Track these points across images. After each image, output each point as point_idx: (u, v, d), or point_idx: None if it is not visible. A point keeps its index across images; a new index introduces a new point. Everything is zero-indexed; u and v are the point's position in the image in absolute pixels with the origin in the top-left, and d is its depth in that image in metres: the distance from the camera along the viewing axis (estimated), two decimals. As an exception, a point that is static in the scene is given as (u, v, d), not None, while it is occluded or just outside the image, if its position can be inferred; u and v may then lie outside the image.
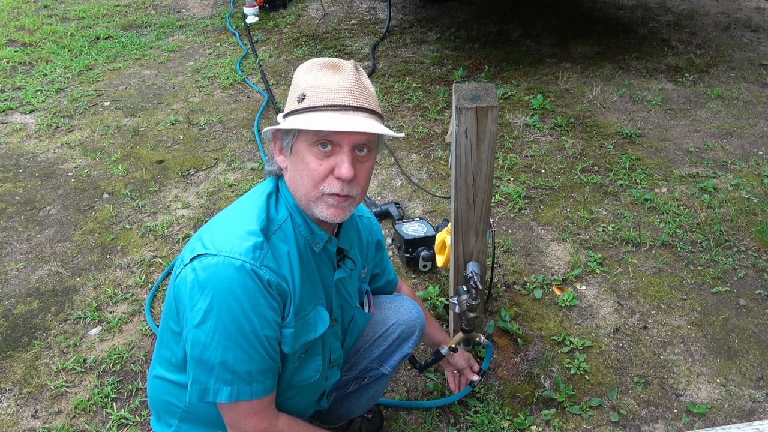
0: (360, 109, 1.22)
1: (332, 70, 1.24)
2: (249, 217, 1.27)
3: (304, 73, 1.27)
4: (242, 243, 1.21)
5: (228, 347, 1.21)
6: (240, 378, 1.23)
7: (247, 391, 1.24)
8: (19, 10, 6.34)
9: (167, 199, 3.19)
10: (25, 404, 2.08)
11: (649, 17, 5.59)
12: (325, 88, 1.22)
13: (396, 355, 1.69)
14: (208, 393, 1.24)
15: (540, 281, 2.55)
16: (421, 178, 3.32)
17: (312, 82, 1.23)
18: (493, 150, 1.71)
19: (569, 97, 4.15)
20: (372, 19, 5.80)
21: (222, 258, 1.19)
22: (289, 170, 1.29)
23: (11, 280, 2.66)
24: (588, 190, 3.16)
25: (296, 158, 1.25)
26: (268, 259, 1.23)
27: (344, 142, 1.21)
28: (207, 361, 1.22)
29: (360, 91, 1.23)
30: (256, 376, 1.25)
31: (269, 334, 1.24)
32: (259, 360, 1.24)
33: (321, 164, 1.22)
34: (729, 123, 3.80)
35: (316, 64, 1.27)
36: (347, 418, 1.82)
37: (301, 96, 1.23)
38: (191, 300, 1.21)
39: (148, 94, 4.42)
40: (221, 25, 5.79)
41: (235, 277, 1.18)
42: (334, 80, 1.22)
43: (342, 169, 1.21)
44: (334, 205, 1.26)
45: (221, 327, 1.19)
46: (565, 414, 2.00)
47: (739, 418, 1.99)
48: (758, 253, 2.69)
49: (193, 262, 1.22)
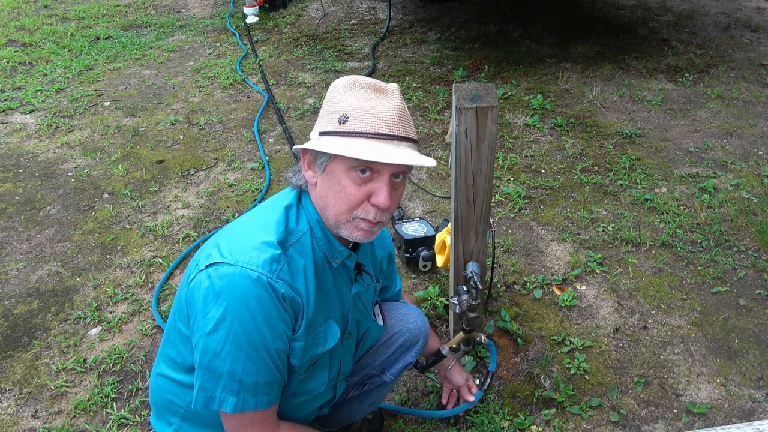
0: (404, 138, 1.20)
1: (376, 93, 1.21)
2: (267, 227, 1.25)
3: (344, 91, 1.22)
4: (260, 255, 1.20)
5: (237, 358, 1.20)
6: (246, 389, 1.23)
7: (252, 402, 1.24)
8: (19, 10, 6.34)
9: (167, 199, 3.19)
10: (25, 404, 2.08)
11: (649, 17, 5.59)
12: (371, 113, 1.18)
13: (399, 363, 1.69)
14: (213, 401, 1.23)
15: (540, 281, 2.55)
16: (421, 178, 3.32)
17: (355, 104, 1.19)
18: (493, 150, 1.71)
19: (569, 97, 4.15)
20: (372, 19, 5.80)
21: (239, 269, 1.18)
22: (320, 188, 1.26)
23: (11, 280, 2.66)
24: (588, 190, 3.16)
25: (330, 178, 1.22)
26: (284, 273, 1.22)
27: (385, 171, 1.19)
28: (215, 369, 1.21)
29: (405, 120, 1.21)
30: (262, 388, 1.24)
31: (279, 347, 1.24)
32: (266, 372, 1.24)
33: (359, 190, 1.20)
34: (729, 123, 3.80)
35: (358, 83, 1.22)
36: (347, 422, 1.82)
37: (342, 117, 1.18)
38: (205, 307, 1.20)
39: (148, 94, 4.42)
40: (221, 25, 5.79)
41: (250, 288, 1.17)
42: (380, 106, 1.19)
43: (381, 198, 1.20)
44: (364, 229, 1.25)
45: (232, 337, 1.19)
46: (565, 414, 2.00)
47: (739, 418, 1.99)
48: (758, 253, 2.69)
49: (209, 269, 1.21)
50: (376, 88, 1.21)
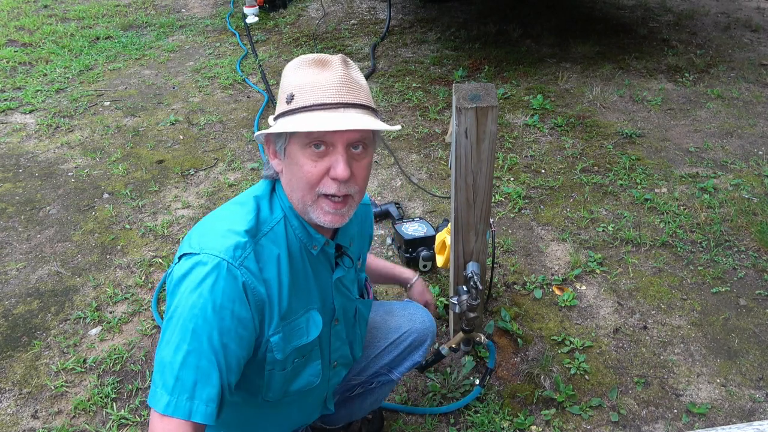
0: (351, 105, 1.17)
1: (319, 67, 1.19)
2: (236, 217, 1.23)
3: (292, 71, 1.22)
4: (224, 241, 1.18)
5: (179, 348, 1.12)
6: (183, 388, 1.11)
7: (186, 408, 1.11)
8: (19, 10, 6.34)
9: (167, 199, 3.19)
10: (25, 404, 2.08)
11: (649, 17, 5.59)
12: (313, 86, 1.17)
13: (406, 362, 1.68)
14: (151, 398, 1.14)
15: (540, 281, 2.55)
16: (421, 178, 3.32)
17: (299, 81, 1.19)
18: (493, 150, 1.71)
19: (569, 97, 4.15)
20: (372, 19, 5.80)
21: (201, 255, 1.16)
22: (285, 174, 1.25)
23: (11, 280, 2.66)
24: (588, 190, 3.16)
25: (290, 161, 1.21)
26: (249, 261, 1.19)
27: (338, 142, 1.17)
28: (160, 360, 1.14)
29: (349, 87, 1.18)
30: (200, 393, 1.12)
31: (229, 345, 1.15)
32: (208, 369, 1.13)
33: (315, 166, 1.18)
34: (729, 123, 3.80)
35: (303, 61, 1.22)
36: (348, 420, 1.82)
37: (289, 96, 1.19)
38: (170, 298, 1.19)
39: (148, 94, 4.42)
40: (221, 25, 5.79)
41: (207, 273, 1.14)
42: (322, 77, 1.17)
43: (338, 170, 1.16)
44: (330, 212, 1.21)
45: (181, 325, 1.13)
46: (565, 414, 2.00)
47: (739, 418, 1.99)
48: (758, 253, 2.69)
49: (180, 261, 1.20)
50: (318, 62, 1.20)
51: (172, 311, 1.16)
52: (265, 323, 1.24)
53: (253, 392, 1.34)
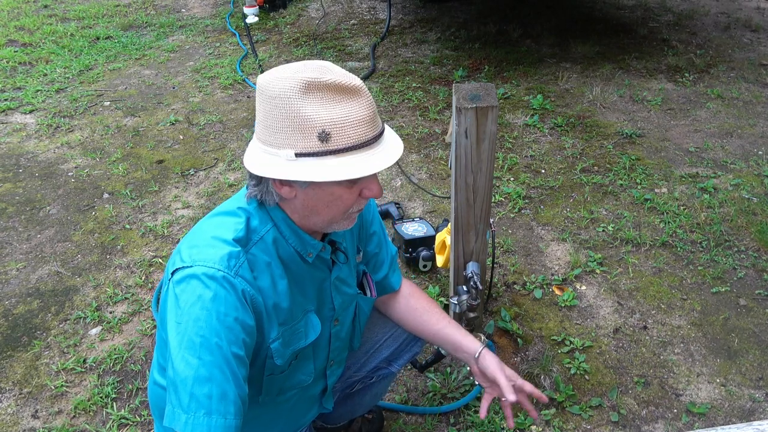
0: (380, 133, 1.17)
1: (345, 95, 1.10)
2: (225, 227, 1.22)
3: (305, 96, 1.09)
4: (216, 252, 1.16)
5: (189, 363, 1.10)
6: (199, 404, 1.09)
7: (204, 424, 1.08)
8: (19, 10, 6.34)
9: (167, 199, 3.19)
10: (25, 404, 2.09)
11: (649, 17, 5.59)
12: (350, 123, 1.10)
13: (405, 354, 1.67)
14: (169, 417, 1.11)
15: (540, 281, 2.55)
16: (421, 178, 3.32)
17: (328, 115, 1.09)
18: (493, 150, 1.71)
19: (569, 97, 4.16)
20: (372, 19, 5.80)
21: (195, 268, 1.15)
22: (303, 200, 1.21)
23: (11, 280, 2.66)
24: (588, 190, 3.16)
25: (318, 191, 1.18)
26: (243, 269, 1.18)
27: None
28: (172, 379, 1.12)
29: (375, 112, 1.16)
30: (217, 405, 1.10)
31: (237, 353, 1.14)
32: (221, 380, 1.11)
33: (352, 193, 1.20)
34: (729, 123, 3.80)
35: (313, 85, 1.09)
36: (349, 417, 1.81)
37: (323, 134, 1.09)
38: (169, 313, 1.16)
39: (148, 94, 4.42)
40: (221, 25, 5.79)
41: (206, 285, 1.13)
42: (354, 109, 1.11)
43: (374, 191, 1.21)
44: (354, 219, 1.27)
45: (187, 339, 1.11)
46: (565, 414, 2.00)
47: (739, 418, 1.99)
48: (758, 253, 2.69)
49: (174, 276, 1.18)
50: (342, 88, 1.09)
51: (176, 328, 1.13)
52: (264, 330, 1.24)
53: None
